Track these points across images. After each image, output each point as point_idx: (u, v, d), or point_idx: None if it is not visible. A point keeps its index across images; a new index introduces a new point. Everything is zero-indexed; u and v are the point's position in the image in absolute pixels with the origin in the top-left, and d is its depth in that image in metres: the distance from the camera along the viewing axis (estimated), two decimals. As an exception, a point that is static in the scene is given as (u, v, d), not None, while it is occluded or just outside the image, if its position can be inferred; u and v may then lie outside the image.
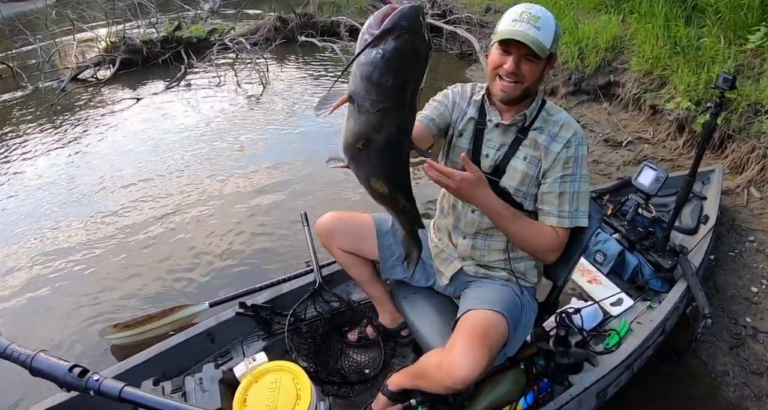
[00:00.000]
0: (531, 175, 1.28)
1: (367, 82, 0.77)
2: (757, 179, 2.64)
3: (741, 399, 1.86)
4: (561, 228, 1.29)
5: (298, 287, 1.89)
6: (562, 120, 1.28)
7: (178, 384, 1.52)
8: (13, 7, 8.85)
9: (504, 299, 1.34)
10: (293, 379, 1.42)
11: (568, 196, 1.27)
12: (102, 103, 5.20)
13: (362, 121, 0.81)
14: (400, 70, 0.77)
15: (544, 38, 1.15)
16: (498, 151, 1.32)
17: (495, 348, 1.22)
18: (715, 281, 2.30)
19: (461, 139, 1.37)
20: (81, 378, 0.81)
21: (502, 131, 1.32)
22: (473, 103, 1.37)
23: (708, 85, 2.92)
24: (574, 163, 1.26)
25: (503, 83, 1.22)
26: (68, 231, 2.99)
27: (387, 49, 0.74)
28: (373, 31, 0.75)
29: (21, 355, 0.83)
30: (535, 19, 1.16)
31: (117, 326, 1.97)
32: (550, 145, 1.26)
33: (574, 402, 1.56)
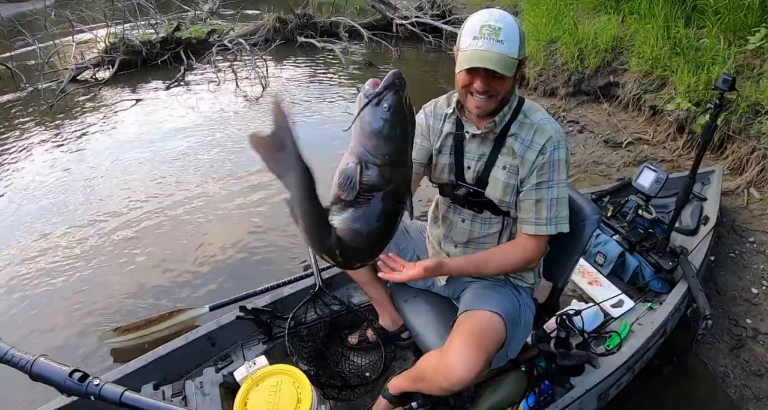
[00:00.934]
0: (512, 184, 1.27)
1: (376, 137, 0.85)
2: (757, 180, 2.64)
3: (742, 400, 1.86)
4: (539, 235, 1.27)
5: (299, 290, 1.88)
6: (536, 123, 1.24)
7: (178, 388, 1.53)
8: (12, 8, 8.84)
9: (501, 299, 1.34)
10: (294, 383, 1.41)
11: (545, 202, 1.25)
12: (101, 103, 5.19)
13: (373, 175, 0.88)
14: (405, 121, 0.86)
15: (509, 50, 1.12)
16: (479, 162, 1.31)
17: (492, 348, 1.22)
18: (715, 282, 2.30)
19: (441, 156, 1.37)
20: (81, 382, 0.81)
21: (479, 141, 1.30)
22: (447, 116, 1.35)
23: (708, 86, 2.92)
24: (549, 168, 1.23)
25: (477, 100, 1.19)
26: (68, 234, 2.99)
27: (391, 102, 0.84)
28: (369, 92, 0.85)
29: (21, 360, 0.83)
30: (497, 32, 1.11)
31: (117, 330, 1.97)
32: (525, 153, 1.24)
33: (576, 404, 1.56)
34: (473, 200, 1.34)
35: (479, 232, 1.38)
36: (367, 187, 0.90)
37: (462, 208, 1.38)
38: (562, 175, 1.25)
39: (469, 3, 8.12)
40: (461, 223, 1.39)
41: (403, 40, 7.34)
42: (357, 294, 1.95)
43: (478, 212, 1.36)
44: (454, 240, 1.43)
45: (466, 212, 1.37)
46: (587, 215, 1.37)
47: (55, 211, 3.21)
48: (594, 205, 1.44)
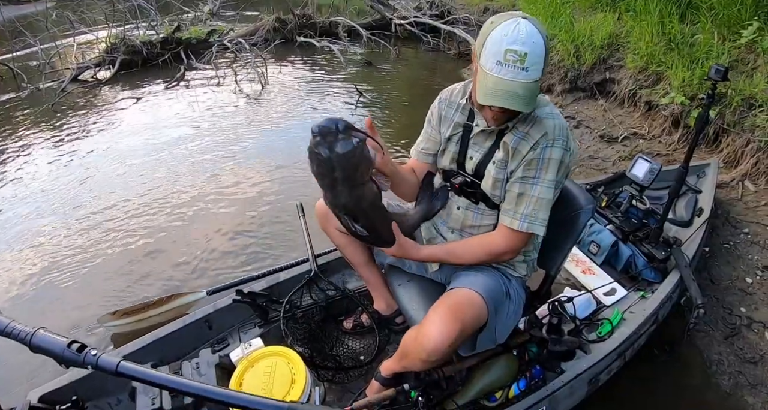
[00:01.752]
0: (500, 179, 1.27)
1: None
2: (752, 172, 2.65)
3: (736, 387, 1.87)
4: (510, 229, 1.26)
5: (295, 275, 1.90)
6: (537, 116, 1.21)
7: (175, 368, 1.54)
8: (14, 10, 8.90)
9: (487, 282, 1.35)
10: (288, 364, 1.43)
11: (526, 198, 1.23)
12: (102, 103, 5.22)
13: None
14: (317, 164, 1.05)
15: (534, 76, 1.08)
16: (480, 155, 1.33)
17: (468, 321, 1.22)
18: (710, 272, 2.31)
19: (450, 143, 1.39)
20: (79, 353, 0.82)
21: (486, 135, 1.31)
22: (461, 107, 1.36)
23: (702, 81, 2.94)
24: (537, 165, 1.20)
25: (493, 113, 1.20)
26: (67, 224, 3.02)
27: (308, 146, 1.05)
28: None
29: (21, 333, 0.84)
30: (522, 59, 1.06)
31: (115, 313, 1.98)
32: (518, 145, 1.22)
33: (566, 389, 1.58)
34: (468, 190, 1.36)
35: (472, 221, 1.39)
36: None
37: (458, 196, 1.40)
38: (550, 175, 1.20)
39: (468, 3, 8.17)
40: (456, 210, 1.42)
41: (402, 39, 7.38)
42: (352, 279, 1.97)
43: (474, 202, 1.38)
44: (449, 225, 1.46)
45: (462, 200, 1.40)
46: (582, 204, 1.38)
47: (56, 205, 3.24)
48: (589, 194, 1.45)
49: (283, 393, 1.35)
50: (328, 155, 1.01)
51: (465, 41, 6.40)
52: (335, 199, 1.10)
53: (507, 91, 1.09)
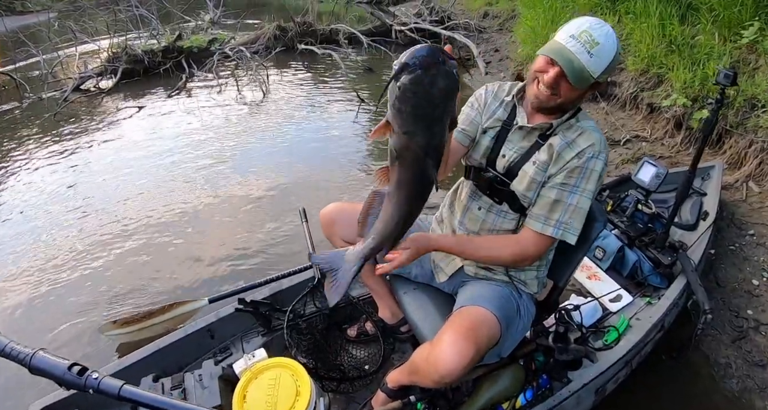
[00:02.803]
0: (538, 181, 1.25)
1: (393, 109, 0.88)
2: (756, 173, 2.63)
3: (744, 391, 1.85)
4: (540, 234, 1.24)
5: (298, 283, 1.89)
6: (584, 127, 1.23)
7: (177, 380, 1.52)
8: (17, 21, 8.98)
9: (499, 298, 1.33)
10: (293, 375, 1.42)
11: (563, 205, 1.22)
12: (104, 112, 5.25)
13: (395, 139, 0.93)
14: (418, 99, 0.87)
15: (593, 66, 1.11)
16: (515, 153, 1.30)
17: (483, 344, 1.20)
18: (715, 275, 2.29)
19: (484, 137, 1.36)
20: (80, 376, 0.81)
21: (524, 134, 1.29)
22: (505, 104, 1.35)
23: (704, 82, 2.94)
24: (580, 174, 1.20)
25: (539, 90, 1.19)
26: (69, 232, 3.03)
27: (403, 82, 0.85)
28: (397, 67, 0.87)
29: (20, 354, 0.83)
30: (593, 44, 1.10)
31: (116, 322, 1.97)
32: (563, 151, 1.21)
33: (573, 398, 1.56)
34: (497, 187, 1.33)
35: (492, 223, 1.36)
36: (391, 150, 0.97)
37: (482, 195, 1.37)
38: (591, 186, 1.21)
39: (468, 9, 8.21)
40: (477, 210, 1.38)
41: (403, 46, 7.38)
42: (356, 286, 1.96)
43: (497, 202, 1.35)
44: (466, 227, 1.42)
45: (485, 200, 1.37)
46: (594, 216, 1.35)
47: (57, 214, 3.24)
48: (599, 206, 1.42)
49: (288, 406, 1.34)
50: (436, 89, 0.87)
51: (465, 46, 6.43)
52: (432, 140, 0.96)
53: (566, 56, 1.11)
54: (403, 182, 1.02)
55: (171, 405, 0.89)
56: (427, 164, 0.99)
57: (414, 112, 0.89)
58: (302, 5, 8.61)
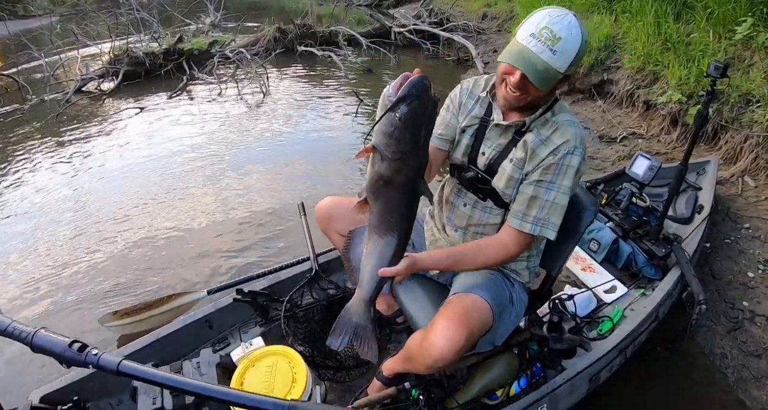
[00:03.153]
0: (515, 178, 1.25)
1: (388, 137, 0.95)
2: (751, 168, 2.65)
3: (740, 380, 1.86)
4: (518, 231, 1.24)
5: (295, 274, 1.91)
6: (560, 122, 1.22)
7: (176, 368, 1.54)
8: (20, 24, 9.05)
9: (491, 286, 1.34)
10: (289, 363, 1.44)
11: (539, 201, 1.22)
12: (106, 113, 5.29)
13: (385, 167, 0.99)
14: (415, 128, 0.95)
15: (558, 63, 1.08)
16: (494, 151, 1.30)
17: (475, 329, 1.20)
18: (711, 268, 2.30)
19: (464, 135, 1.36)
20: (80, 352, 0.82)
21: (501, 131, 1.29)
22: (481, 100, 1.35)
23: (699, 78, 2.96)
24: (555, 170, 1.20)
25: (507, 92, 1.18)
26: (70, 228, 3.07)
27: (402, 113, 0.92)
28: (391, 99, 0.93)
29: (22, 332, 0.84)
30: (555, 40, 1.06)
31: (116, 313, 1.99)
32: (537, 148, 1.21)
33: (567, 386, 1.57)
34: (479, 186, 1.34)
35: (478, 219, 1.38)
36: (381, 176, 1.00)
37: (467, 192, 1.38)
38: (567, 182, 1.20)
39: (467, 10, 8.25)
40: (462, 207, 1.40)
41: (402, 47, 7.45)
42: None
43: (482, 199, 1.36)
44: (454, 223, 1.43)
45: (470, 196, 1.38)
46: (585, 206, 1.37)
47: (61, 212, 3.28)
48: (592, 196, 1.45)
49: (285, 392, 1.36)
50: (428, 116, 0.96)
51: (464, 47, 6.46)
52: (423, 160, 1.02)
53: (527, 59, 1.09)
54: (394, 206, 1.06)
55: (167, 379, 0.91)
56: (417, 184, 1.04)
57: (411, 139, 0.95)
58: (302, 8, 8.66)
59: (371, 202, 1.07)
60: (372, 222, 1.10)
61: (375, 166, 1.00)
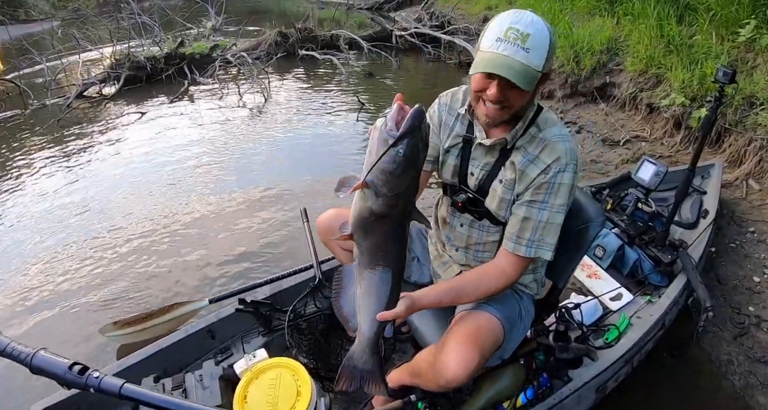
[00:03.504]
0: (507, 199, 1.21)
1: (388, 175, 0.90)
2: (756, 171, 2.64)
3: (747, 387, 1.84)
4: (514, 255, 1.20)
5: (298, 283, 1.90)
6: (548, 139, 1.15)
7: (178, 381, 1.53)
8: (22, 29, 9.09)
9: (501, 302, 1.31)
10: (293, 375, 1.42)
11: (532, 223, 1.17)
12: (107, 118, 5.30)
13: (380, 202, 0.93)
14: (416, 161, 0.92)
15: (535, 60, 1.03)
16: (482, 171, 1.26)
17: (488, 349, 1.19)
18: (716, 273, 2.29)
19: (449, 156, 1.32)
20: (81, 375, 0.81)
21: (485, 150, 1.24)
22: (460, 118, 1.29)
23: (702, 81, 2.94)
24: (547, 190, 1.15)
25: (488, 108, 1.11)
26: (70, 235, 3.07)
27: (406, 149, 0.88)
28: (393, 134, 0.88)
29: (21, 353, 0.83)
30: (523, 38, 1.01)
31: (117, 323, 1.98)
32: (527, 169, 1.16)
33: (574, 397, 1.55)
34: (472, 208, 1.30)
35: (477, 238, 1.34)
36: (373, 213, 0.95)
37: (461, 213, 1.35)
38: (560, 200, 1.16)
39: (467, 13, 8.24)
40: (460, 227, 1.36)
41: (403, 50, 7.45)
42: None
43: (477, 219, 1.32)
44: (454, 243, 1.40)
45: (465, 217, 1.34)
46: (592, 217, 1.35)
47: (61, 219, 3.27)
48: (598, 205, 1.42)
49: (289, 405, 1.34)
50: (426, 146, 0.92)
51: (465, 50, 6.45)
52: (415, 192, 0.99)
53: (503, 64, 1.02)
54: (387, 240, 1.00)
55: (171, 403, 0.89)
56: (411, 214, 1.00)
57: (412, 175, 0.92)
58: (303, 12, 8.67)
59: (359, 238, 1.01)
60: (362, 261, 1.03)
61: (367, 202, 0.94)
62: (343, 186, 0.95)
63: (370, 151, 0.93)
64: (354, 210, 0.98)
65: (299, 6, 12.20)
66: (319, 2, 12.03)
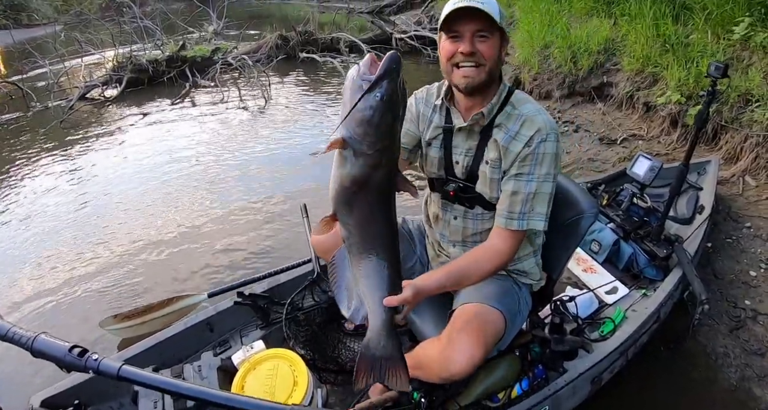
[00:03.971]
0: (496, 179, 1.23)
1: (366, 125, 0.81)
2: (752, 168, 2.65)
3: (743, 379, 1.85)
4: (508, 230, 1.21)
5: (296, 277, 1.91)
6: (525, 114, 1.19)
7: (177, 371, 1.54)
8: (25, 33, 9.16)
9: (501, 293, 1.32)
10: (290, 366, 1.44)
11: (521, 196, 1.18)
12: (109, 120, 5.35)
13: (361, 163, 0.84)
14: (395, 109, 0.83)
15: (490, 9, 1.09)
16: (467, 157, 1.27)
17: (491, 342, 1.21)
18: (713, 267, 2.30)
19: (431, 148, 1.33)
20: (80, 357, 0.83)
21: (466, 134, 1.26)
22: (437, 108, 1.32)
23: (698, 79, 2.96)
24: (532, 160, 1.17)
25: (464, 70, 1.15)
26: (71, 231, 3.11)
27: (384, 92, 0.80)
28: (368, 77, 0.81)
29: (22, 337, 0.85)
30: None
31: (117, 317, 2.00)
32: (510, 144, 1.19)
33: (569, 388, 1.56)
34: (463, 196, 1.31)
35: (473, 229, 1.35)
36: (354, 179, 0.87)
37: (452, 205, 1.35)
38: (545, 170, 1.18)
39: (466, 16, 8.27)
40: (453, 221, 1.36)
41: (403, 53, 7.47)
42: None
43: (470, 208, 1.32)
44: (449, 238, 1.40)
45: (458, 208, 1.35)
46: (585, 209, 1.36)
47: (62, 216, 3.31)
48: (592, 198, 1.45)
49: (286, 395, 1.36)
50: (404, 95, 0.85)
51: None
52: (398, 153, 0.91)
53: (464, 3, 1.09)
54: (375, 212, 0.91)
55: (167, 384, 0.91)
56: (396, 179, 0.91)
57: (392, 124, 0.84)
58: (304, 15, 8.73)
59: (344, 215, 0.93)
60: (352, 241, 0.96)
61: (345, 167, 0.86)
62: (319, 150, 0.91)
63: (344, 104, 0.86)
64: (333, 184, 0.92)
65: (300, 10, 12.28)
66: (319, 6, 12.12)
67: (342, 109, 0.86)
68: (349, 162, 0.85)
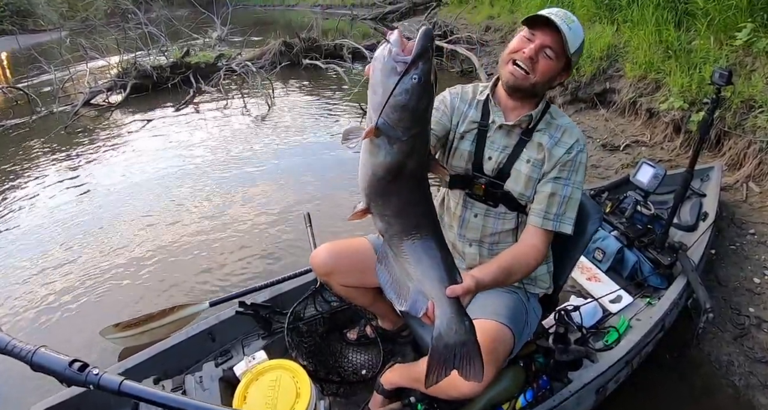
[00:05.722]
0: (534, 178, 1.26)
1: (401, 110, 0.77)
2: (756, 174, 2.64)
3: (747, 387, 1.83)
4: (543, 230, 1.25)
5: (298, 286, 1.90)
6: (564, 125, 1.27)
7: (178, 382, 1.54)
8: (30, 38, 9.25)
9: (510, 308, 1.30)
10: (293, 377, 1.42)
11: (558, 198, 1.24)
12: (114, 126, 5.38)
13: (396, 150, 0.80)
14: (432, 91, 0.79)
15: (571, 39, 1.15)
16: (502, 153, 1.29)
17: (501, 361, 1.20)
18: (716, 274, 2.28)
19: (463, 142, 1.33)
20: (81, 372, 0.82)
21: (505, 132, 1.29)
22: (476, 104, 1.34)
23: (701, 85, 2.96)
24: (570, 167, 1.25)
25: (515, 68, 1.20)
26: (74, 240, 3.10)
27: (421, 73, 0.75)
28: (402, 58, 0.75)
29: (22, 351, 0.84)
30: (570, 20, 1.16)
31: (117, 325, 1.99)
32: (553, 149, 1.25)
33: (574, 399, 1.54)
34: (492, 191, 1.31)
35: (493, 228, 1.34)
36: (389, 168, 0.82)
37: (475, 202, 1.34)
38: (580, 178, 1.26)
39: (470, 23, 8.31)
40: (473, 219, 1.35)
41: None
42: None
43: (493, 206, 1.32)
44: (467, 238, 1.38)
45: (479, 206, 1.34)
46: (589, 214, 1.37)
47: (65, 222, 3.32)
48: (595, 203, 1.45)
49: (288, 407, 1.34)
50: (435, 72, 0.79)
51: (468, 59, 6.50)
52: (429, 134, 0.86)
53: (552, 17, 1.14)
54: (414, 198, 0.87)
55: (170, 400, 0.90)
56: (431, 163, 0.87)
57: (427, 107, 0.79)
58: (307, 22, 8.78)
59: (379, 207, 0.88)
60: (392, 231, 0.91)
61: (378, 156, 0.82)
62: (350, 134, 0.84)
63: (374, 89, 0.80)
64: (365, 175, 0.87)
65: (303, 16, 12.35)
66: (323, 12, 12.18)
67: (371, 93, 0.81)
68: (384, 150, 0.80)
